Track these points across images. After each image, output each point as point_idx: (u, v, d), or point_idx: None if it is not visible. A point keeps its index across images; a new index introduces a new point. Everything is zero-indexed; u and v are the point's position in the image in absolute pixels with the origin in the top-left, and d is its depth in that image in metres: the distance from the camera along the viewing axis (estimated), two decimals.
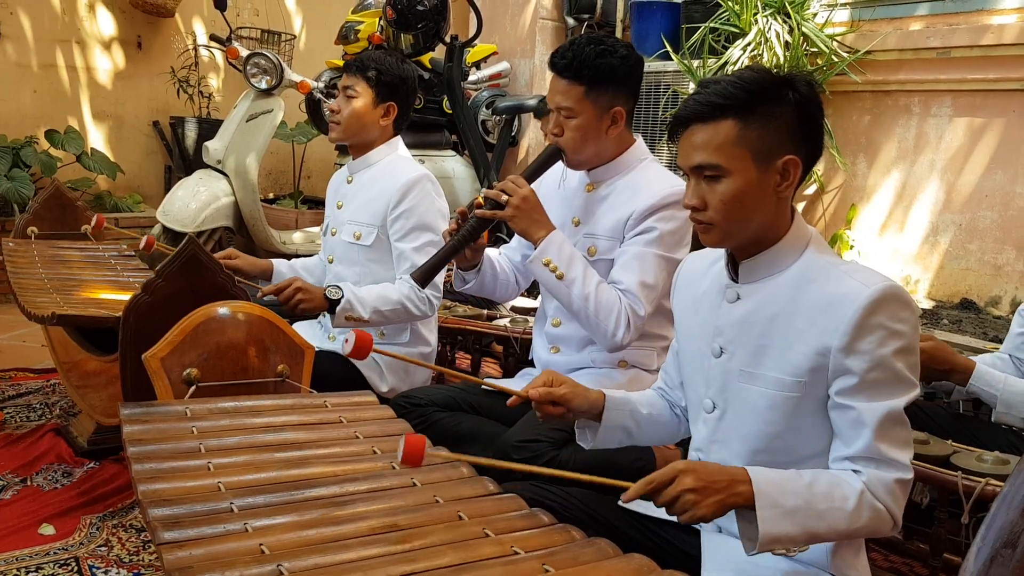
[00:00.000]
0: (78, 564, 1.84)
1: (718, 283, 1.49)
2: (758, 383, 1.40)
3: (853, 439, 1.30)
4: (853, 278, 1.32)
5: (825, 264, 1.37)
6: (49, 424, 2.60)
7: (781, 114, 1.33)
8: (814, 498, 1.24)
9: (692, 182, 1.39)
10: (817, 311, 1.33)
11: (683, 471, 1.23)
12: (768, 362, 1.39)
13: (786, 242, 1.40)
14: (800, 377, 1.34)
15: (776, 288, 1.39)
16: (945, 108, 3.74)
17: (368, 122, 2.52)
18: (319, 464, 1.48)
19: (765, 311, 1.39)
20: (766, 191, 1.35)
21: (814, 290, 1.35)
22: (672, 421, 1.67)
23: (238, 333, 1.82)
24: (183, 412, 1.59)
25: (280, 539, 1.22)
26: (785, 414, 1.37)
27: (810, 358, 1.33)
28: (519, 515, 1.37)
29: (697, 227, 1.41)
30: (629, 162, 2.18)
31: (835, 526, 1.25)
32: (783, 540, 1.22)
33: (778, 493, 1.23)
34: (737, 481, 1.23)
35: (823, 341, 1.31)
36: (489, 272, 2.30)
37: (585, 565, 1.19)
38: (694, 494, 1.21)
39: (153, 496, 1.31)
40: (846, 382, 1.30)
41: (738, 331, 1.43)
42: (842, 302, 1.30)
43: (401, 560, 1.17)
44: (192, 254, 1.83)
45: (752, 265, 1.42)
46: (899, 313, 1.29)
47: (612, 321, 2.02)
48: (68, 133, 4.75)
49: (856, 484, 1.27)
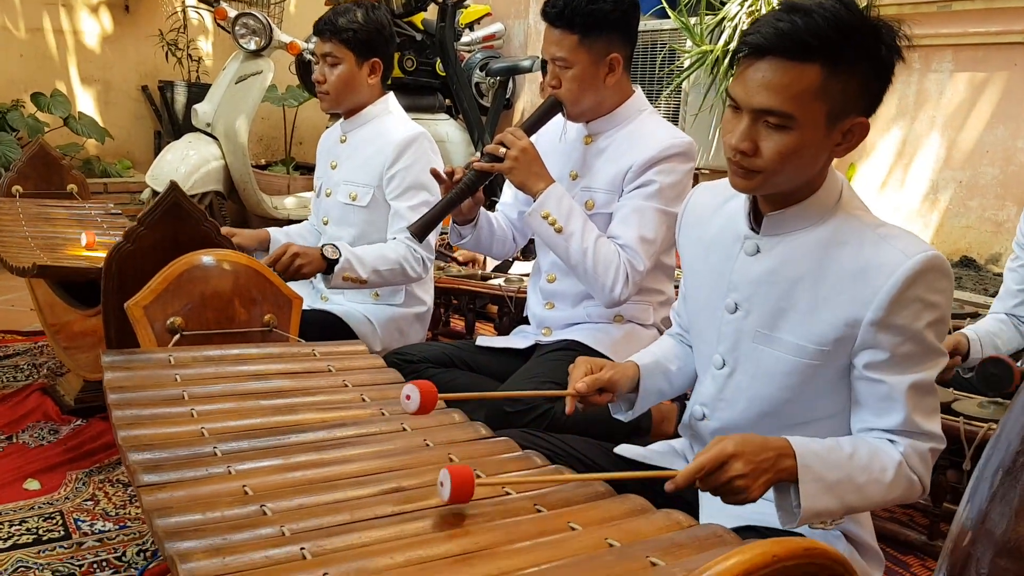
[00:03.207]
0: (63, 518, 1.80)
1: (733, 229, 1.38)
2: (775, 346, 1.32)
3: (886, 413, 1.24)
4: (892, 245, 1.21)
5: (859, 225, 1.26)
6: (36, 383, 2.56)
7: (864, 69, 1.18)
8: (855, 471, 1.19)
9: (745, 121, 1.21)
10: (849, 278, 1.23)
11: (732, 456, 1.14)
12: (788, 326, 1.30)
13: (819, 196, 1.27)
14: (823, 346, 1.26)
15: (802, 246, 1.28)
16: (946, 63, 3.68)
17: (356, 85, 2.45)
18: (306, 411, 1.44)
19: (789, 271, 1.29)
20: (825, 149, 1.22)
21: (847, 254, 1.24)
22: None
23: (223, 283, 1.78)
24: (166, 360, 1.55)
25: (265, 481, 1.18)
26: (801, 380, 1.30)
27: (837, 328, 1.24)
28: (511, 457, 1.33)
29: (735, 170, 1.25)
30: (628, 113, 2.12)
31: (872, 497, 1.20)
32: (823, 514, 1.17)
33: (821, 466, 1.17)
34: (783, 456, 1.16)
35: (853, 312, 1.23)
36: (486, 227, 2.26)
37: (578, 505, 1.15)
38: (745, 479, 1.14)
39: (134, 442, 1.27)
40: (876, 356, 1.23)
41: (756, 289, 1.33)
42: (878, 272, 1.20)
43: (390, 501, 1.14)
44: (174, 201, 1.78)
45: (779, 219, 1.30)
46: (937, 284, 1.20)
47: (611, 276, 1.97)
48: (55, 96, 4.68)
49: (894, 455, 1.22)
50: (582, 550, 1.01)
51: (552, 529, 1.07)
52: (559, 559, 0.98)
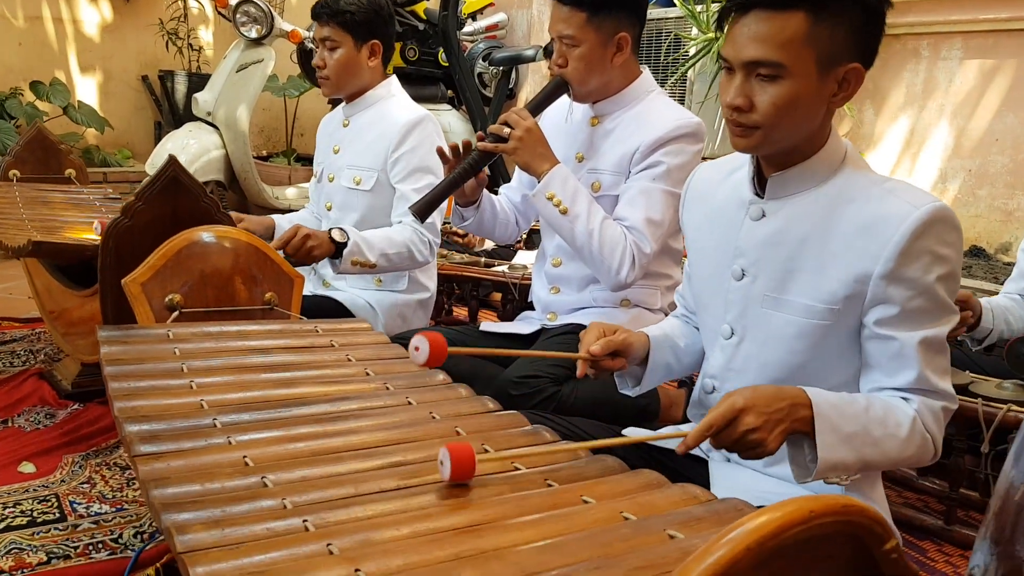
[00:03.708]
0: (58, 500, 1.76)
1: (738, 197, 1.38)
2: (784, 309, 1.30)
3: (897, 371, 1.21)
4: (899, 198, 1.20)
5: (865, 182, 1.26)
6: (33, 369, 2.52)
7: (852, 15, 1.19)
8: (871, 424, 1.16)
9: (738, 78, 1.23)
10: (856, 233, 1.22)
11: (743, 409, 1.10)
12: (796, 287, 1.28)
13: (821, 156, 1.27)
14: (833, 304, 1.24)
15: (808, 206, 1.28)
16: (955, 50, 3.63)
17: (357, 69, 2.41)
18: (309, 384, 1.40)
19: (795, 231, 1.28)
20: (821, 99, 1.22)
21: (853, 210, 1.23)
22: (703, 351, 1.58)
23: (223, 261, 1.73)
24: (165, 335, 1.51)
25: (266, 452, 1.14)
26: (812, 343, 1.28)
27: (846, 284, 1.23)
28: (520, 432, 1.29)
29: (734, 129, 1.26)
30: (636, 94, 2.08)
31: (888, 453, 1.17)
32: (839, 468, 1.13)
33: (837, 417, 1.14)
34: (798, 405, 1.13)
35: (863, 267, 1.21)
36: (488, 210, 2.22)
37: (590, 480, 1.11)
38: (758, 432, 1.10)
39: (131, 413, 1.23)
40: (886, 311, 1.21)
41: (763, 252, 1.32)
42: (886, 224, 1.19)
43: (396, 474, 1.09)
44: (173, 176, 1.74)
45: (782, 180, 1.30)
46: (947, 236, 1.19)
47: (616, 258, 1.93)
48: (54, 85, 4.64)
49: (908, 411, 1.19)
50: (596, 523, 0.97)
51: (564, 503, 1.03)
52: (572, 532, 0.94)
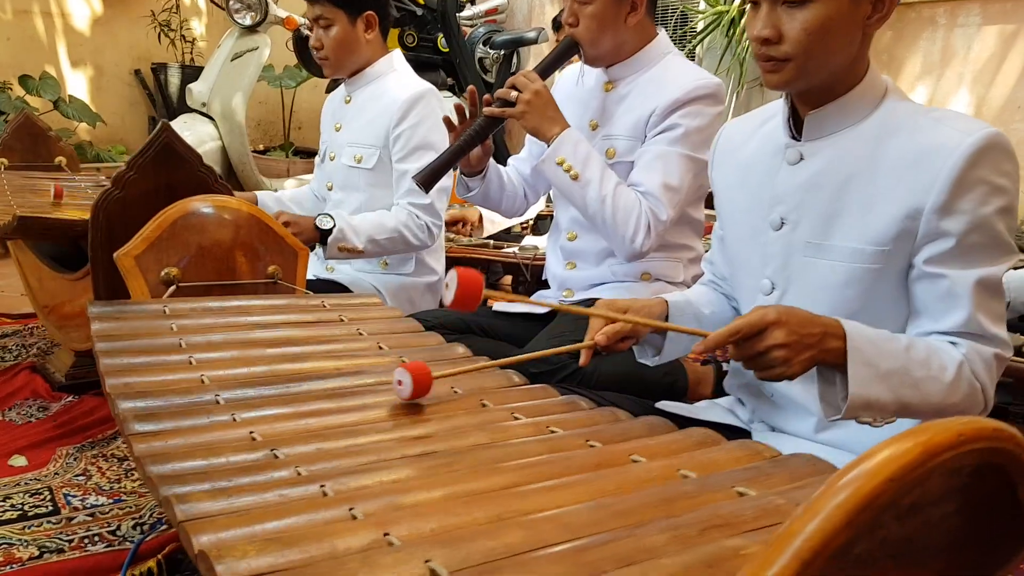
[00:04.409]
0: (51, 493, 1.65)
1: (772, 144, 1.29)
2: (829, 255, 1.21)
3: (946, 312, 1.11)
4: (949, 126, 1.12)
5: (911, 111, 1.17)
6: (25, 362, 2.41)
7: None
8: (911, 363, 1.06)
9: (764, 8, 1.16)
10: (904, 166, 1.13)
11: (773, 323, 1.03)
12: (841, 231, 1.19)
13: (861, 89, 1.18)
14: (883, 245, 1.15)
15: (849, 144, 1.19)
16: (973, 17, 3.52)
17: (355, 44, 2.31)
18: (319, 359, 1.29)
19: (837, 171, 1.19)
20: (855, 22, 1.14)
21: (899, 142, 1.14)
22: (733, 316, 1.47)
23: (223, 233, 1.63)
24: (160, 310, 1.40)
25: (275, 428, 1.03)
26: (861, 290, 1.18)
27: (896, 222, 1.13)
28: (552, 401, 1.18)
29: (764, 65, 1.18)
30: (651, 57, 1.97)
31: (929, 398, 1.07)
32: (873, 406, 1.04)
33: (873, 352, 1.04)
34: (830, 335, 1.04)
35: (914, 201, 1.11)
36: (495, 181, 2.10)
37: (636, 439, 1.00)
38: (785, 350, 1.02)
39: (124, 389, 1.12)
40: (939, 247, 1.11)
41: (803, 197, 1.23)
42: (937, 154, 1.10)
43: (419, 443, 0.98)
44: (166, 143, 1.63)
45: (819, 118, 1.21)
46: (1003, 165, 1.10)
47: (631, 226, 1.82)
48: (43, 79, 4.52)
49: (955, 355, 1.09)
50: (651, 482, 0.86)
51: (611, 462, 0.92)
52: (626, 492, 0.83)
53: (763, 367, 1.04)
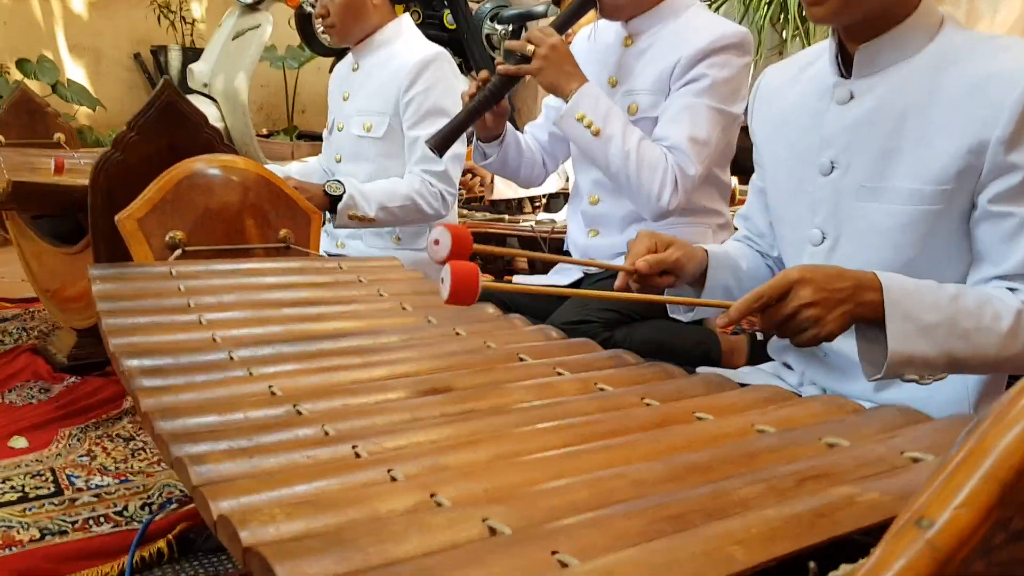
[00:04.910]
0: (54, 475, 1.55)
1: (818, 87, 1.18)
2: (884, 199, 1.10)
3: (1008, 254, 1.01)
4: (1012, 53, 1.02)
5: (970, 40, 1.06)
6: (26, 345, 2.32)
7: None
8: (959, 314, 0.96)
9: None
10: (965, 96, 1.03)
11: (798, 281, 0.94)
12: (898, 170, 1.08)
13: (915, 20, 1.08)
14: (944, 184, 1.04)
15: (904, 78, 1.08)
16: None
17: (361, 9, 2.21)
18: (339, 319, 1.20)
19: (891, 107, 1.09)
20: None
21: (959, 72, 1.04)
22: (768, 276, 1.37)
23: (231, 195, 1.53)
24: (167, 272, 1.30)
25: (296, 382, 0.93)
26: (920, 235, 1.07)
27: (959, 158, 1.03)
28: (596, 356, 1.09)
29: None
30: (674, 8, 1.86)
31: (982, 350, 0.97)
32: (916, 362, 0.94)
33: (914, 304, 0.95)
34: (864, 287, 0.95)
35: (977, 134, 1.01)
36: (513, 146, 2.00)
37: (698, 397, 0.90)
38: (815, 308, 0.93)
39: (130, 348, 1.02)
40: (1007, 182, 1.00)
41: (853, 137, 1.12)
42: (1000, 82, 1.00)
43: (455, 401, 0.89)
44: (169, 102, 1.53)
45: (871, 51, 1.10)
46: None
47: (657, 182, 1.70)
48: (41, 62, 4.41)
49: (1012, 303, 0.99)
50: (725, 439, 0.76)
51: (674, 420, 0.83)
52: (698, 449, 0.73)
53: (795, 331, 0.95)
